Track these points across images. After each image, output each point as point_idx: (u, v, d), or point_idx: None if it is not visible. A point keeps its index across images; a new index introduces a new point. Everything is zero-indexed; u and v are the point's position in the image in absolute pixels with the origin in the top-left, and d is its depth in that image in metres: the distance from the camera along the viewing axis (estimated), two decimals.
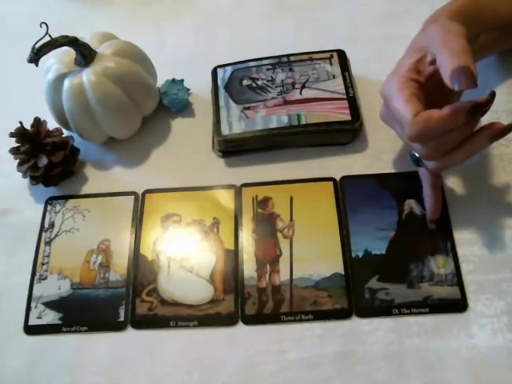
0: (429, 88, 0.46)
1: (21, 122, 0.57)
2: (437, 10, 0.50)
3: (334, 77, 0.60)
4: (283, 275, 0.52)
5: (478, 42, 0.49)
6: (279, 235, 0.54)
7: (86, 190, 0.60)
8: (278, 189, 0.57)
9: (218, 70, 0.64)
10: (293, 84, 0.60)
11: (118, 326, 0.51)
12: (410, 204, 0.53)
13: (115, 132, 0.60)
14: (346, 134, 0.58)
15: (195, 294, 0.52)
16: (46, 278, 0.54)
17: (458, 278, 0.49)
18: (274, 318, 0.50)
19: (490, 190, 0.54)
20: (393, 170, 0.56)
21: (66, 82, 0.56)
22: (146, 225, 0.56)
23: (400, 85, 0.45)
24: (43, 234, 0.57)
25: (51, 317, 0.52)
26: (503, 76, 0.60)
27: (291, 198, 0.55)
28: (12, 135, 0.58)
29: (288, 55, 0.63)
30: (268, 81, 0.61)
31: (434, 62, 0.45)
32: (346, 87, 0.59)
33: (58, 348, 0.50)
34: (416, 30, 0.50)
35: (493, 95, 0.42)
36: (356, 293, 0.50)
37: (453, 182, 0.55)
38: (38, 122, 0.58)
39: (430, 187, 0.51)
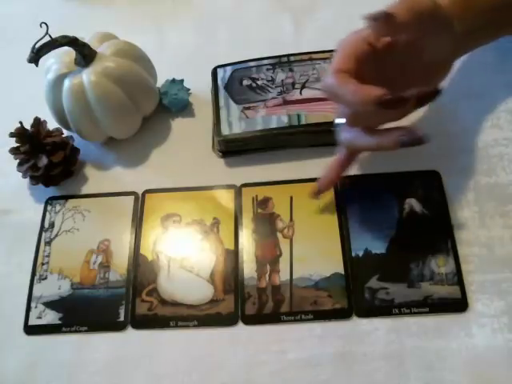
0: (388, 61, 0.44)
1: (21, 122, 0.57)
2: None
3: None
4: (283, 275, 0.52)
5: (467, 24, 0.46)
6: (279, 235, 0.54)
7: (85, 189, 0.60)
8: (278, 189, 0.57)
9: (218, 70, 0.64)
10: (293, 84, 0.60)
11: (118, 326, 0.51)
12: (411, 203, 0.53)
13: (115, 132, 0.60)
14: None
15: (195, 293, 0.52)
16: (45, 278, 0.54)
17: (458, 277, 0.49)
18: (273, 317, 0.50)
19: (490, 190, 0.54)
20: (393, 170, 0.56)
21: (66, 82, 0.56)
22: (146, 225, 0.56)
23: (351, 42, 0.43)
24: (43, 233, 0.57)
25: (51, 317, 0.52)
26: (503, 76, 0.60)
27: (291, 198, 0.55)
28: (12, 135, 0.58)
29: (288, 55, 0.63)
30: (268, 81, 0.61)
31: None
32: None
33: (58, 348, 0.50)
34: None
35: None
36: (356, 292, 0.50)
37: (453, 182, 0.54)
38: (38, 122, 0.58)
39: (337, 161, 0.51)
